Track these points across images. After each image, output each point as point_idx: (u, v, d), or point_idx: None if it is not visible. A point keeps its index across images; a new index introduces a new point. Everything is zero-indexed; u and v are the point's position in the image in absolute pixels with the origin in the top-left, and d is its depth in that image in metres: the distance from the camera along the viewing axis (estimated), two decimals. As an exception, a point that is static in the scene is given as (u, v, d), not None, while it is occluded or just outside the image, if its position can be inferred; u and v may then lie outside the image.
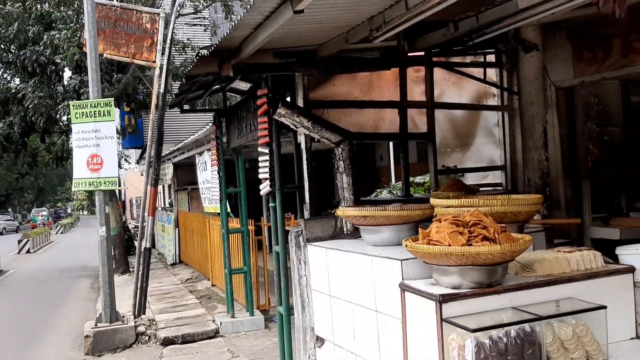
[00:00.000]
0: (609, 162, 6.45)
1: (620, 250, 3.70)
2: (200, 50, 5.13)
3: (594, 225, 6.11)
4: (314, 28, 4.45)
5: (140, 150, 23.89)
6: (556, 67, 5.95)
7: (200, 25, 18.19)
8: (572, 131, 6.07)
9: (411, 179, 7.73)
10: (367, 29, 4.43)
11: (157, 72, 9.52)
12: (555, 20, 5.27)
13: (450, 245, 3.15)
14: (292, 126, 5.17)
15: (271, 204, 5.91)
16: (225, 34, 4.40)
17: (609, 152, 6.46)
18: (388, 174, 13.19)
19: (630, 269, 3.55)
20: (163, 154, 15.74)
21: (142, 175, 19.87)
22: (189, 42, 16.49)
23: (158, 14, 9.43)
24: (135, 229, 20.41)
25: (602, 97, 6.46)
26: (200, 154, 11.87)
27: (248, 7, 3.78)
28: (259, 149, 6.05)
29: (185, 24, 18.19)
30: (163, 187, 23.69)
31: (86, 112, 8.94)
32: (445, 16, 4.65)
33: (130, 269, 15.92)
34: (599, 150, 6.24)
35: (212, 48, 4.75)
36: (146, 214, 9.93)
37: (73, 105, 9.23)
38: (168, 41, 9.77)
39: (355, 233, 4.79)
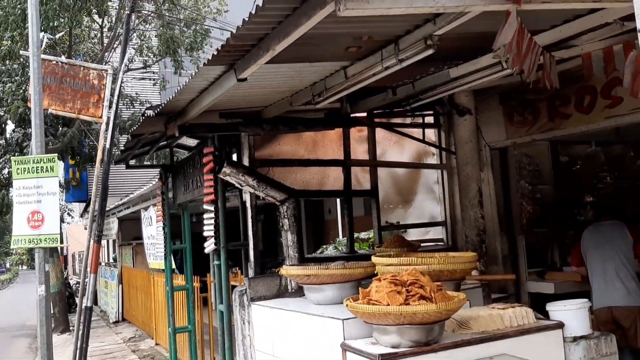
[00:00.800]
0: (541, 218, 6.78)
1: (550, 307, 3.88)
2: (146, 111, 5.18)
3: (530, 280, 6.36)
4: (258, 92, 4.61)
5: (85, 203, 23.33)
6: (490, 129, 6.30)
7: (150, 79, 18.26)
8: (506, 189, 6.38)
9: (356, 234, 7.88)
10: (310, 94, 4.62)
11: (103, 127, 9.47)
12: (487, 86, 5.61)
13: (388, 304, 3.25)
14: (237, 185, 5.25)
15: (215, 262, 5.90)
16: (171, 97, 4.50)
17: (542, 209, 6.80)
18: (336, 227, 13.32)
19: (560, 325, 3.72)
20: (108, 208, 15.45)
21: (85, 229, 19.35)
22: (137, 96, 16.49)
23: (106, 71, 9.46)
24: (77, 285, 19.71)
25: (533, 156, 6.84)
26: (146, 208, 11.72)
27: (194, 72, 3.90)
28: (204, 206, 6.08)
29: (133, 77, 18.22)
30: (107, 241, 23.08)
31: (28, 168, 8.75)
32: (384, 83, 4.89)
33: (71, 328, 15.28)
34: (532, 207, 6.57)
35: (158, 110, 4.82)
36: (88, 271, 9.67)
37: (15, 161, 9.03)
38: (116, 96, 9.78)
39: (300, 291, 4.84)
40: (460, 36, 3.61)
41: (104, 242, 21.61)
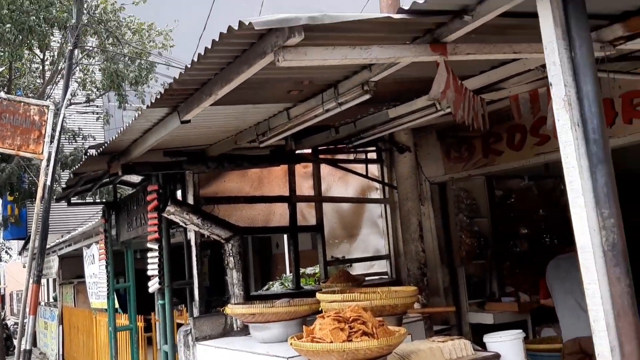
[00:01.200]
0: (480, 250, 7.03)
1: (487, 338, 4.03)
2: (89, 150, 5.14)
3: (471, 311, 6.55)
4: (203, 132, 4.67)
5: (24, 241, 22.46)
6: (429, 164, 6.53)
7: (93, 113, 17.96)
8: (446, 222, 6.59)
9: (302, 270, 7.94)
10: (254, 133, 4.71)
11: (44, 163, 9.26)
12: (425, 124, 5.84)
13: (332, 342, 3.31)
14: (182, 223, 5.24)
15: (160, 302, 5.83)
16: (114, 137, 4.50)
17: (480, 241, 7.06)
18: (284, 261, 13.30)
19: (497, 356, 3.87)
20: (48, 246, 14.93)
21: (24, 267, 18.60)
22: (79, 130, 16.17)
23: (47, 106, 9.29)
24: (15, 326, 18.81)
25: (470, 191, 7.12)
26: (88, 246, 11.44)
27: (138, 110, 3.93)
28: (148, 245, 6.02)
29: (76, 112, 17.88)
30: (47, 280, 22.23)
31: (-37, 207, 8.44)
32: (327, 122, 5.03)
33: (6, 373, 14.57)
34: (470, 240, 6.80)
35: (101, 149, 4.80)
36: (27, 312, 9.32)
37: (-52, 199, 8.70)
38: (57, 131, 9.61)
39: (246, 330, 4.83)
40: (396, 80, 3.79)
41: (43, 280, 20.80)
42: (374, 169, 6.97)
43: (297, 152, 6.24)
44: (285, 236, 12.83)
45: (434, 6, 2.47)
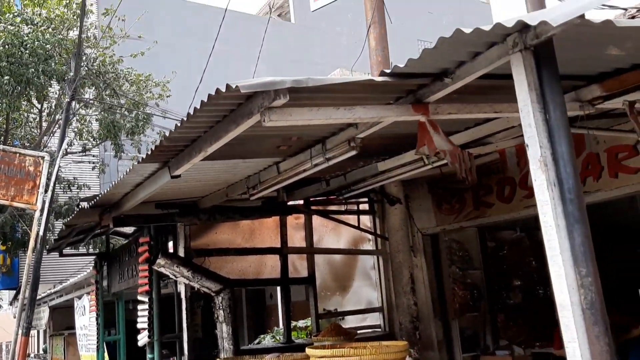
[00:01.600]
0: (473, 302, 6.99)
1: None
2: (81, 203, 5.18)
3: (465, 365, 6.47)
4: (194, 185, 4.71)
5: (15, 291, 22.17)
6: (421, 216, 6.57)
7: (89, 162, 18.03)
8: (439, 274, 6.58)
9: (294, 323, 7.86)
10: (245, 186, 4.76)
11: (37, 213, 9.26)
12: (416, 176, 5.91)
13: (319, 399, 3.28)
14: (172, 276, 5.24)
15: (149, 355, 5.75)
16: (106, 190, 4.54)
17: (473, 293, 7.03)
18: (277, 312, 13.16)
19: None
20: (39, 297, 14.76)
21: (14, 317, 18.31)
22: (75, 180, 16.20)
23: (42, 157, 9.37)
24: (1, 380, 18.38)
25: (463, 242, 7.13)
26: (80, 297, 11.32)
27: (129, 169, 3.98)
28: (139, 297, 5.99)
29: (72, 161, 17.96)
30: (37, 331, 21.86)
31: (-46, 258, 8.40)
32: (318, 175, 5.10)
33: None
34: (463, 292, 6.78)
35: (93, 202, 4.83)
36: (14, 366, 9.12)
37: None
38: (52, 181, 9.64)
39: (234, 385, 4.77)
40: (384, 136, 3.87)
41: (33, 332, 20.45)
42: (366, 220, 7.00)
43: (288, 203, 6.28)
44: (278, 287, 12.78)
45: (413, 69, 2.55)
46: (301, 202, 6.47)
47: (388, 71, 2.60)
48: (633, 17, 6.70)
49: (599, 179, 4.83)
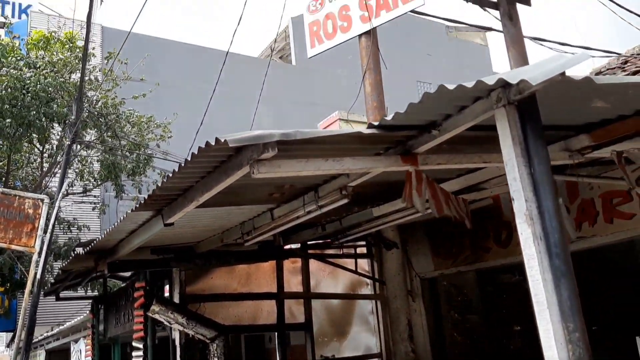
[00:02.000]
0: (473, 348, 6.86)
1: None
2: (77, 249, 5.17)
3: (466, 412, 6.33)
4: (188, 231, 4.72)
5: (12, 333, 21.91)
6: (419, 260, 6.53)
7: (90, 203, 18.05)
8: (438, 320, 6.50)
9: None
10: (239, 231, 4.75)
11: (34, 257, 9.23)
12: (412, 221, 5.90)
13: None
14: (166, 323, 5.19)
15: (142, 405, 5.65)
16: (101, 237, 4.55)
17: (472, 339, 6.91)
18: (277, 356, 12.94)
19: None
20: (37, 339, 14.60)
21: (10, 361, 18.04)
22: (75, 220, 16.21)
23: (42, 200, 9.39)
24: None
25: (461, 287, 7.06)
26: (76, 341, 11.21)
27: (123, 216, 3.99)
28: (134, 343, 5.92)
29: (73, 202, 18.00)
30: (33, 374, 21.49)
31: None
32: (313, 220, 5.10)
33: None
34: (462, 337, 6.67)
35: (88, 248, 4.83)
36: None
37: None
38: (51, 223, 9.62)
39: None
40: (376, 182, 3.89)
41: (29, 375, 20.05)
42: (364, 263, 6.95)
43: (285, 247, 6.27)
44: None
45: (401, 122, 2.58)
46: (298, 245, 6.46)
47: (376, 123, 2.64)
48: (625, 62, 6.81)
49: (595, 224, 4.82)
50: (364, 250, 6.92)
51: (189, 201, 3.32)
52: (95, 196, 18.65)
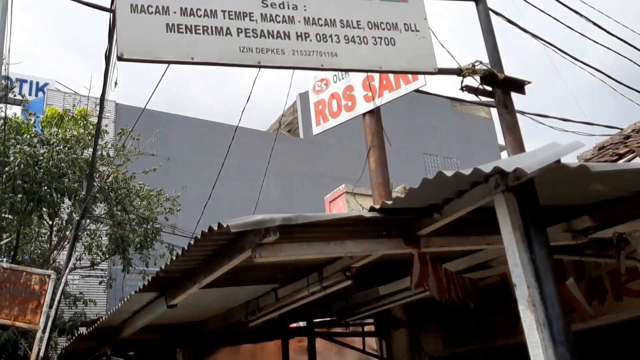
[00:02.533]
0: None
1: None
2: (80, 328, 5.13)
3: None
4: (192, 311, 4.68)
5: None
6: (427, 338, 6.37)
7: (97, 277, 17.96)
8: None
9: None
10: (244, 311, 4.71)
11: (38, 334, 9.11)
12: (420, 298, 5.82)
13: None
14: (169, 406, 5.05)
15: None
16: (105, 316, 4.51)
17: None
18: None
19: None
20: (36, 419, 14.11)
21: None
22: (81, 295, 16.08)
23: (48, 276, 9.36)
24: None
25: (472, 366, 6.85)
26: (77, 422, 10.84)
27: (128, 297, 3.98)
28: None
29: (80, 276, 17.93)
30: None
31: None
32: (319, 298, 5.04)
33: None
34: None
35: (92, 328, 4.79)
36: None
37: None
38: (57, 299, 9.54)
39: None
40: (381, 262, 3.87)
41: None
42: (372, 342, 6.80)
43: (291, 324, 6.17)
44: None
45: (402, 205, 2.61)
46: (304, 323, 6.36)
47: (377, 207, 2.66)
48: (628, 138, 6.89)
49: (604, 303, 4.73)
50: (372, 328, 6.79)
51: (192, 283, 3.33)
52: (102, 270, 18.58)
